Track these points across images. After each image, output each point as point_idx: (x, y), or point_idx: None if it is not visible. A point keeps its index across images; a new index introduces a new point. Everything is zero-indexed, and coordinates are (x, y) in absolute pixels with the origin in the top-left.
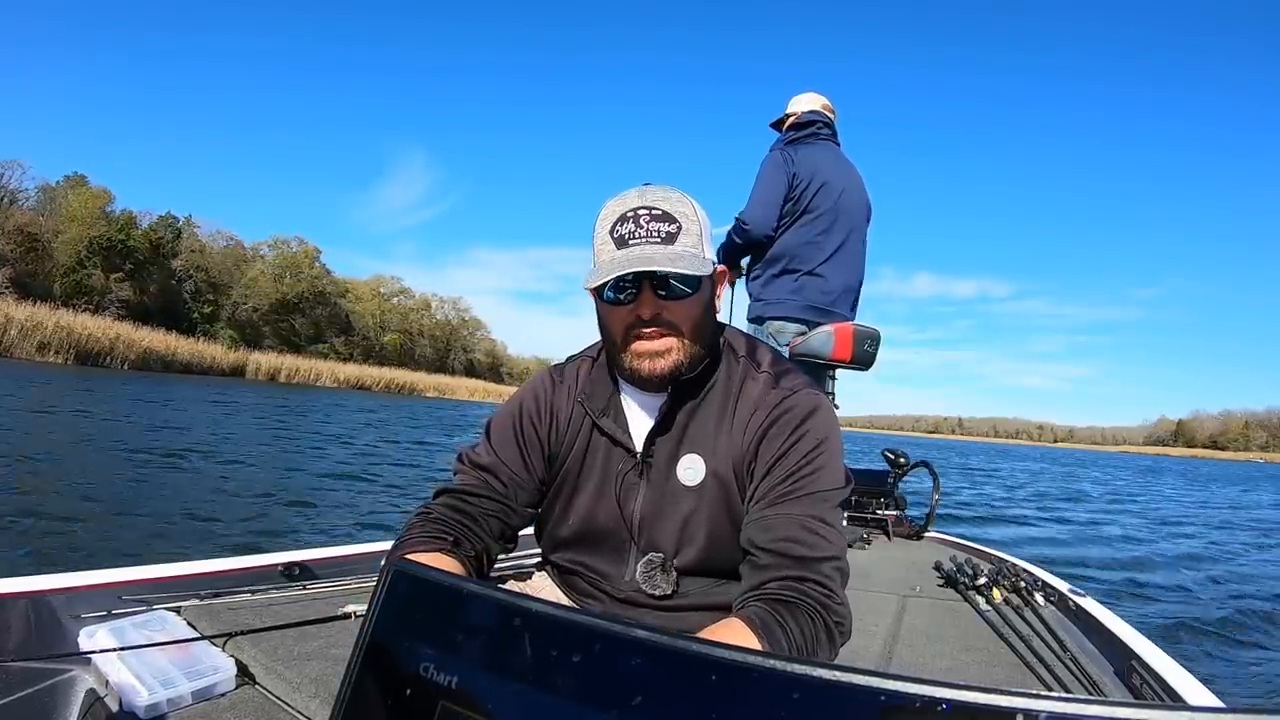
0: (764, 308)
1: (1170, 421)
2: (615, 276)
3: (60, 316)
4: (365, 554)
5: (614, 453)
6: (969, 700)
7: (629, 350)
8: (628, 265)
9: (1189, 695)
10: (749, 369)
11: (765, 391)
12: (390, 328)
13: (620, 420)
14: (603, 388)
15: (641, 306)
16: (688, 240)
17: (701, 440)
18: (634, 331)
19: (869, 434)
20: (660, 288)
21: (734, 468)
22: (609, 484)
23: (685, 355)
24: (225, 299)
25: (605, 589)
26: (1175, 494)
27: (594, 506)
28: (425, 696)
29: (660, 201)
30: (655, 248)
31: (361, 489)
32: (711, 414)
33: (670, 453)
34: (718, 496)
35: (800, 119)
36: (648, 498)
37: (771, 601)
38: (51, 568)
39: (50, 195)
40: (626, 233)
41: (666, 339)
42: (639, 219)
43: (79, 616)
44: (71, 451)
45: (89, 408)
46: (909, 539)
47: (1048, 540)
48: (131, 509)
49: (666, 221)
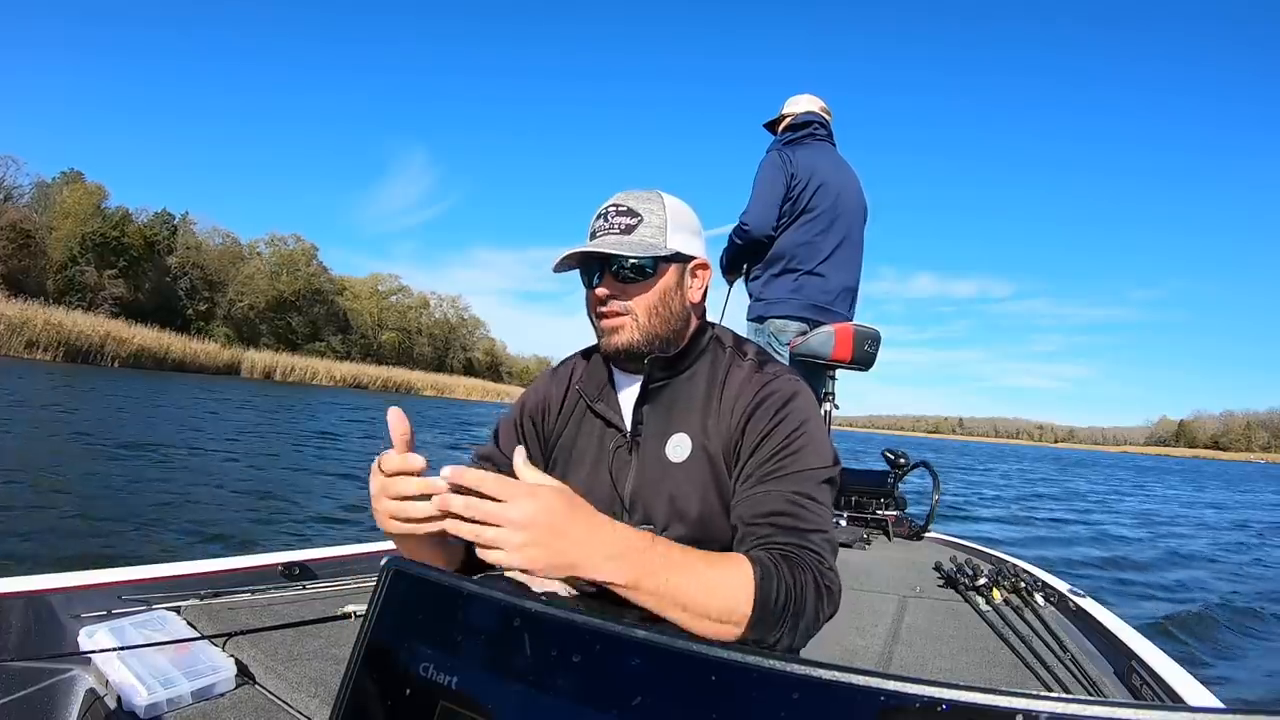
0: (765, 307)
1: (1171, 422)
2: (565, 259)
3: (50, 313)
4: (365, 554)
5: (607, 433)
6: (968, 700)
7: (599, 326)
8: (578, 250)
9: (1189, 695)
10: (734, 358)
11: (749, 376)
12: (388, 326)
13: (612, 403)
14: (598, 374)
15: (600, 287)
16: (645, 231)
17: (688, 420)
18: (598, 309)
19: (869, 434)
20: (617, 274)
21: (723, 447)
22: (603, 463)
23: (639, 332)
24: (221, 297)
25: None
26: (1175, 494)
27: (589, 485)
28: (425, 696)
29: (628, 199)
30: (614, 237)
31: (328, 486)
32: (698, 396)
33: (659, 432)
34: (706, 473)
35: (797, 120)
36: (638, 473)
37: (768, 549)
38: (42, 567)
39: (45, 192)
40: (597, 227)
41: (620, 317)
42: (607, 215)
43: (79, 616)
44: (30, 445)
45: (61, 402)
46: (909, 539)
47: (1039, 540)
48: (73, 503)
49: (629, 215)
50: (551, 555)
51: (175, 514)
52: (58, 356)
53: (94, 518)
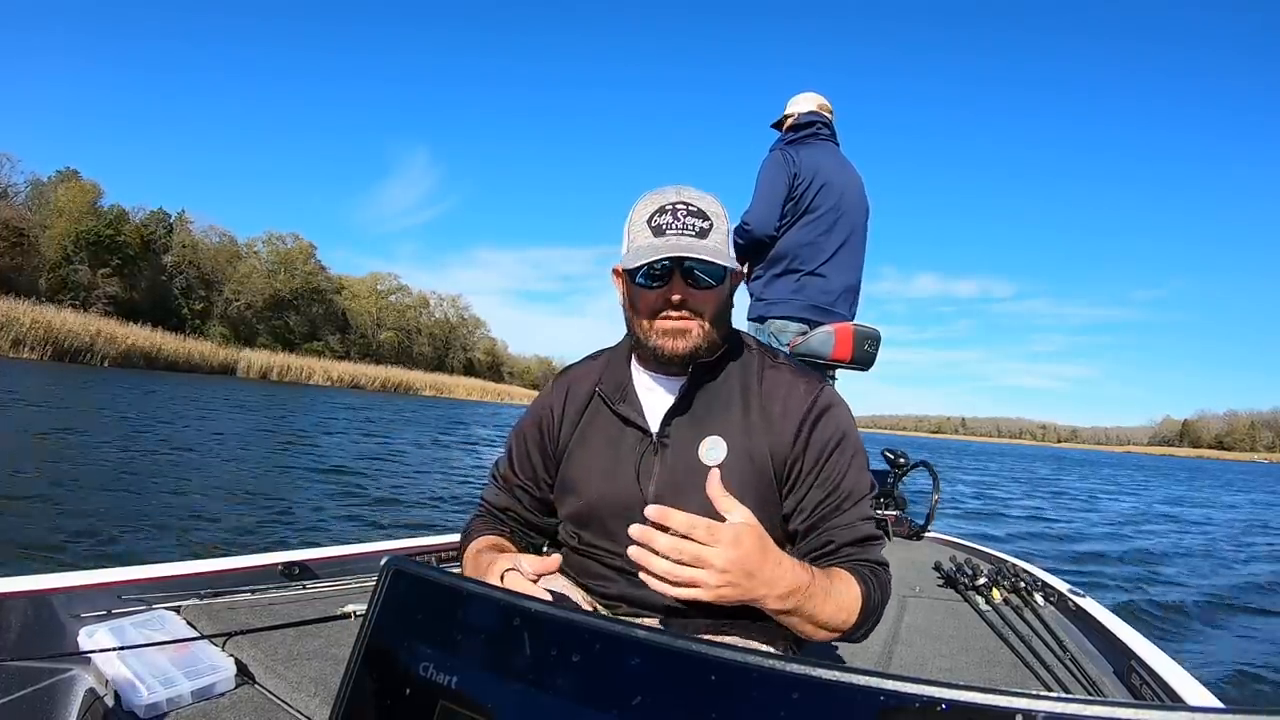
0: (765, 307)
1: (1175, 422)
2: (651, 260)
3: (38, 312)
4: (365, 554)
5: (626, 433)
6: (968, 700)
7: (654, 328)
8: (665, 251)
9: (1188, 695)
10: (765, 359)
11: (794, 382)
12: (387, 325)
13: (634, 403)
14: (618, 373)
15: (671, 290)
16: (718, 237)
17: (723, 422)
18: (662, 312)
19: (872, 434)
20: (689, 276)
21: (770, 448)
22: (622, 463)
23: (704, 339)
24: (217, 296)
25: (618, 565)
26: (1178, 495)
27: (604, 485)
28: (425, 696)
29: (696, 200)
30: (690, 239)
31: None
32: (734, 398)
33: (689, 433)
34: (747, 474)
35: (799, 119)
36: (664, 477)
37: (857, 566)
38: (40, 566)
39: (41, 191)
40: (664, 223)
41: (689, 321)
42: (676, 212)
43: (79, 616)
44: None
45: (38, 402)
46: (909, 539)
47: (1033, 536)
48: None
49: (701, 218)
50: (740, 593)
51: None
52: (45, 355)
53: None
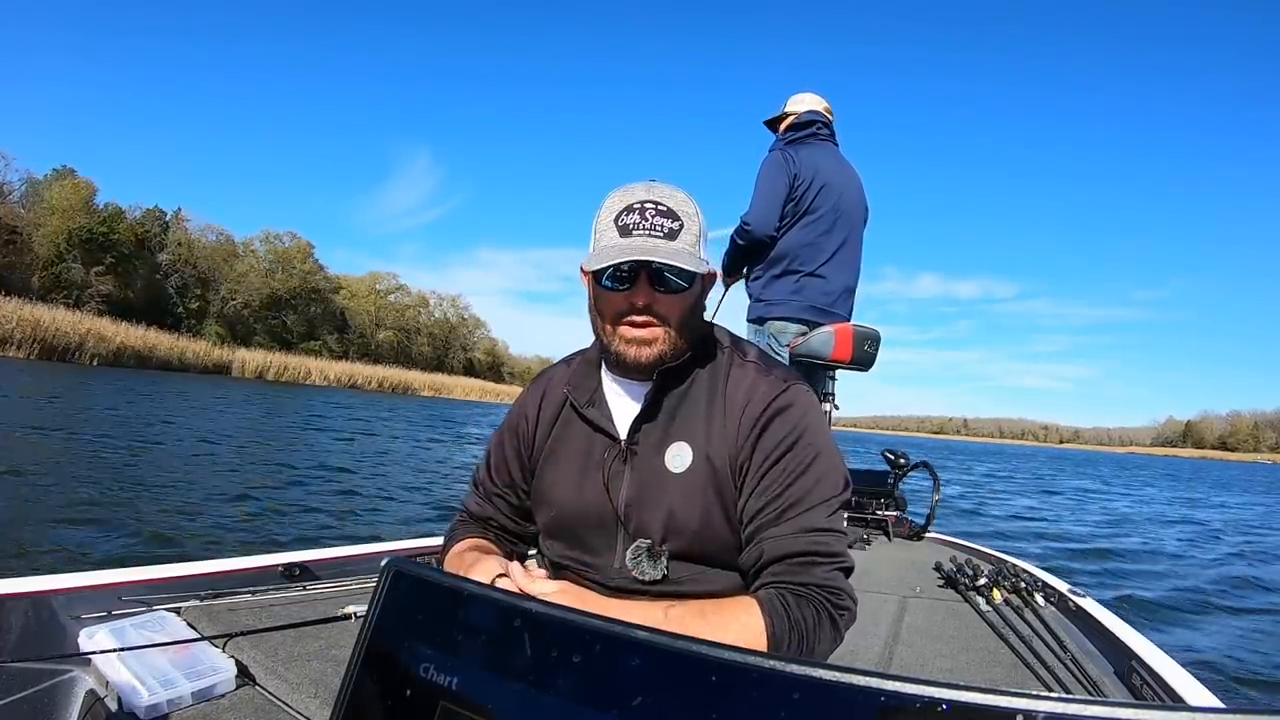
0: (765, 308)
1: (1178, 422)
2: (616, 263)
3: (26, 309)
4: (365, 555)
5: (596, 440)
6: (968, 700)
7: (617, 334)
8: (630, 253)
9: (1189, 695)
10: (734, 357)
11: (756, 381)
12: (386, 325)
13: (604, 409)
14: (588, 379)
15: (636, 294)
16: (687, 239)
17: (689, 428)
18: (625, 317)
19: (873, 434)
20: (656, 280)
21: (728, 454)
22: (592, 472)
23: (669, 346)
24: (214, 295)
25: (596, 579)
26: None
27: (575, 496)
28: (425, 696)
29: (665, 198)
30: (657, 241)
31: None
32: (699, 403)
33: (657, 440)
34: (708, 483)
35: (800, 119)
36: (633, 484)
37: (780, 589)
38: (40, 567)
39: (36, 189)
40: (631, 223)
41: (654, 329)
42: (644, 211)
43: (79, 617)
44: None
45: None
46: (909, 539)
47: (1033, 536)
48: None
49: (670, 218)
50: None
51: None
52: (31, 354)
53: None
